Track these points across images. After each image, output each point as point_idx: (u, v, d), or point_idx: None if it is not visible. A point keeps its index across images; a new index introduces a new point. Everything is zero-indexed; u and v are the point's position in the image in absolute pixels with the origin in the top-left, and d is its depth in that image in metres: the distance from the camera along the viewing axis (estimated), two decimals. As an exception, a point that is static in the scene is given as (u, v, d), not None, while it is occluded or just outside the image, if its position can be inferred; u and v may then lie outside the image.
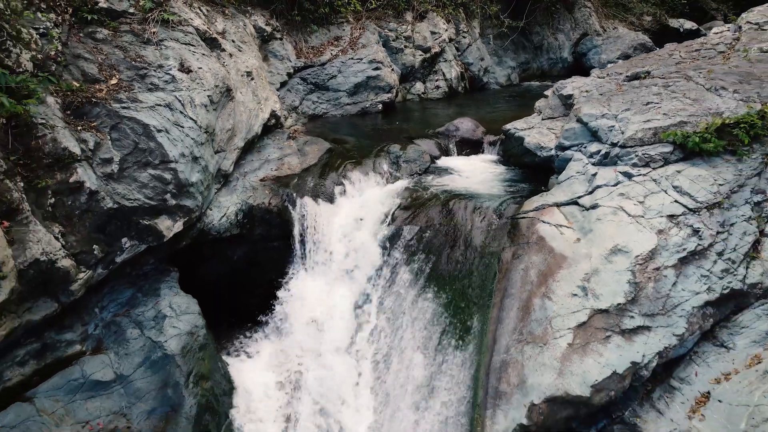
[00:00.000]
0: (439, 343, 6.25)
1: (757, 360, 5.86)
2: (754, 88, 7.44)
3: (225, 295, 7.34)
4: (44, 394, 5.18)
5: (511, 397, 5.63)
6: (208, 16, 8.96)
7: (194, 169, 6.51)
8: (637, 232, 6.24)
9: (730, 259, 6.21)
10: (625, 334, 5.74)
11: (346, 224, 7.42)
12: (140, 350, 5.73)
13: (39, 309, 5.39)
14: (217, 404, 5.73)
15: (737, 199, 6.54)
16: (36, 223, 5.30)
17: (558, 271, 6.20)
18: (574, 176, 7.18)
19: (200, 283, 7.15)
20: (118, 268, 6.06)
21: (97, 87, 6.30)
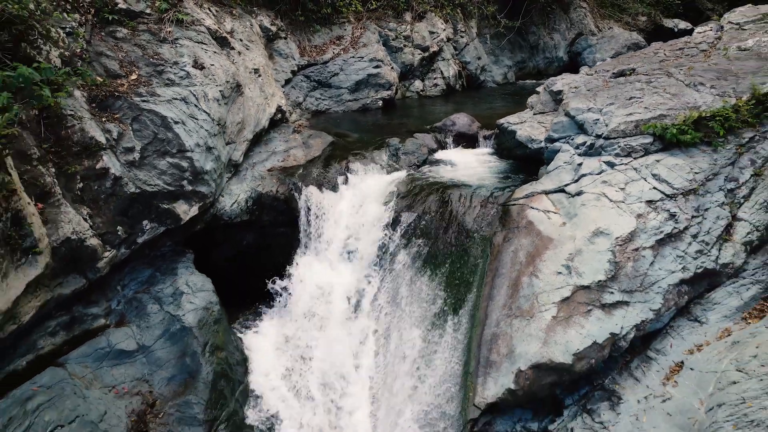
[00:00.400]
0: (435, 318, 6.78)
1: (727, 333, 6.42)
2: (731, 83, 7.98)
3: (235, 278, 7.85)
4: (74, 360, 5.71)
5: (501, 366, 6.17)
6: (218, 17, 9.50)
7: (208, 158, 7.05)
8: (618, 216, 6.78)
9: (704, 241, 6.75)
10: (605, 308, 6.27)
11: (349, 211, 7.94)
12: (160, 323, 6.26)
13: (69, 284, 5.93)
14: (231, 372, 6.26)
15: (712, 186, 7.08)
16: (66, 205, 5.84)
17: (545, 252, 6.74)
18: (561, 166, 7.72)
19: (212, 266, 7.66)
20: (139, 248, 6.59)
21: (118, 82, 6.83)
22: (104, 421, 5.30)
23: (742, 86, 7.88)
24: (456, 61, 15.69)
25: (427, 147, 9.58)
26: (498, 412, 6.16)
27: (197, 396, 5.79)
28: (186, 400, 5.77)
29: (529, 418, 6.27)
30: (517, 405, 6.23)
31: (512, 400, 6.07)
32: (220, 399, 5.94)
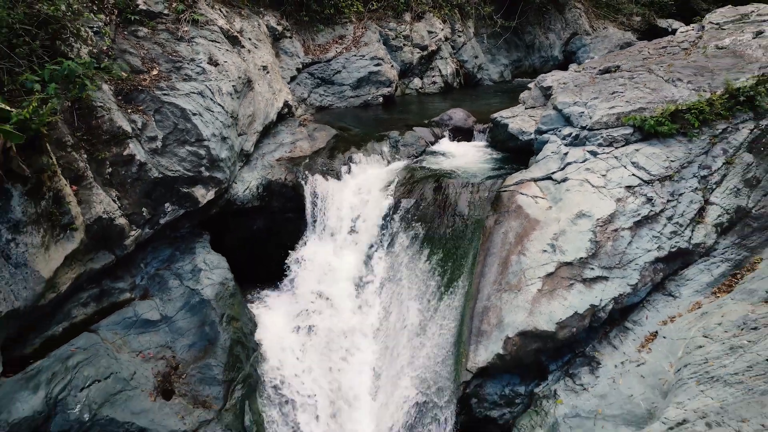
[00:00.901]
0: (432, 294, 7.43)
1: (697, 306, 7.07)
2: (706, 79, 8.64)
3: (246, 260, 8.46)
4: (105, 327, 6.35)
5: (491, 335, 6.81)
6: (228, 17, 10.15)
7: (223, 147, 7.70)
8: (599, 200, 7.43)
9: (678, 223, 7.41)
10: (586, 282, 6.92)
11: (352, 198, 8.58)
12: (181, 296, 6.91)
13: (99, 259, 6.57)
14: (246, 340, 6.90)
15: (686, 173, 7.74)
16: (98, 187, 6.49)
17: (532, 232, 7.39)
18: (549, 155, 8.37)
19: (225, 250, 8.24)
20: (161, 229, 7.24)
21: (141, 77, 7.48)
22: (134, 379, 5.95)
23: (717, 82, 8.53)
24: (454, 59, 16.34)
25: (425, 140, 10.22)
26: (488, 376, 6.80)
27: (216, 360, 6.43)
28: (206, 363, 6.42)
29: (517, 383, 6.91)
30: (505, 370, 6.88)
31: (501, 365, 6.71)
32: (237, 363, 6.58)
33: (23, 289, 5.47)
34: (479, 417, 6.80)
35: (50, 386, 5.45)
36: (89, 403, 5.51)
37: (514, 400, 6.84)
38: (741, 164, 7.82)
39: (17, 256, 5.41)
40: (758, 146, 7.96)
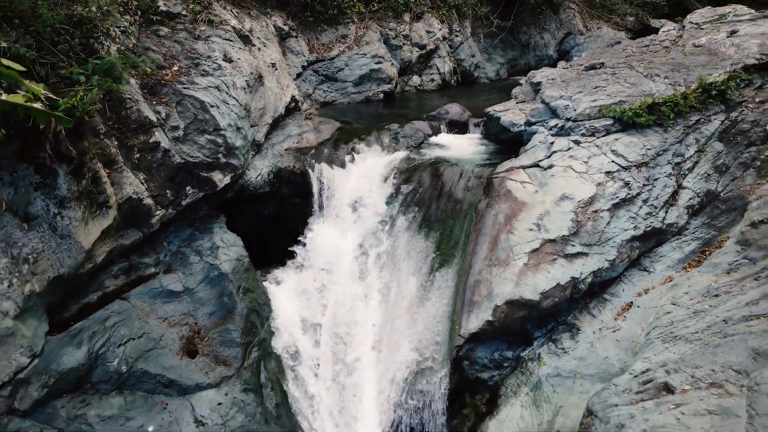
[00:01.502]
0: (429, 269, 8.19)
1: (669, 279, 7.85)
2: (682, 75, 9.42)
3: (257, 244, 9.17)
4: (135, 296, 7.11)
5: (482, 304, 7.57)
6: (239, 17, 10.92)
7: (238, 137, 8.47)
8: (581, 184, 8.20)
9: (653, 205, 8.18)
10: (568, 257, 7.69)
11: (355, 185, 9.34)
12: (201, 271, 7.67)
13: (129, 236, 7.33)
14: (260, 309, 7.65)
15: (661, 160, 8.51)
16: (127, 171, 7.25)
17: (519, 213, 8.15)
18: (537, 145, 9.13)
19: (238, 233, 9.00)
20: (182, 210, 7.99)
21: (163, 72, 8.25)
22: (162, 340, 6.70)
23: (692, 77, 9.31)
24: (451, 58, 17.11)
25: (423, 132, 10.98)
26: (479, 342, 7.57)
27: (235, 325, 7.19)
28: (226, 328, 7.17)
29: (505, 348, 7.68)
30: (495, 337, 7.64)
31: (491, 331, 7.47)
32: (252, 328, 7.33)
33: (67, 257, 6.23)
34: (471, 378, 7.56)
35: (91, 343, 6.22)
36: (126, 357, 6.28)
37: (503, 364, 7.60)
38: (712, 152, 8.60)
39: (62, 228, 6.18)
40: (728, 136, 8.75)
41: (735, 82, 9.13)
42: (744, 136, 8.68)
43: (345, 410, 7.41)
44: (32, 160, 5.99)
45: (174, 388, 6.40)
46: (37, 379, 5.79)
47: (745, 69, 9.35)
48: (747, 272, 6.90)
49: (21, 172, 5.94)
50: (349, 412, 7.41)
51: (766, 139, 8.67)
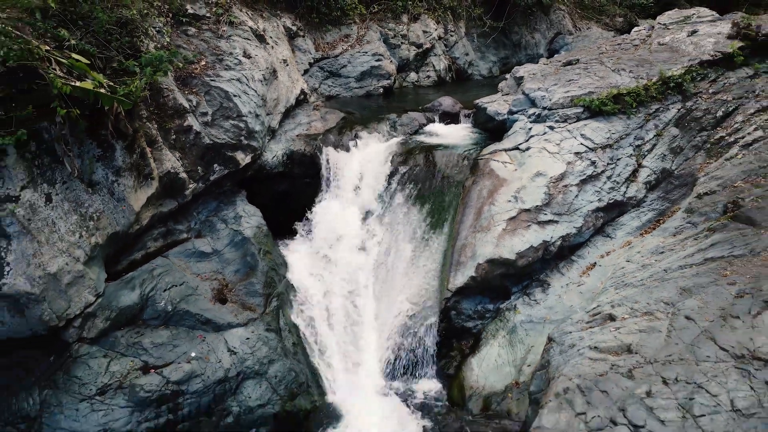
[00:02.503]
0: (422, 236, 9.58)
1: (628, 243, 9.23)
2: (645, 69, 10.81)
3: (272, 218, 10.49)
4: (173, 255, 8.48)
5: (466, 264, 8.95)
6: (253, 19, 12.31)
7: (257, 122, 9.85)
8: (553, 163, 9.58)
9: (615, 181, 9.57)
10: (540, 224, 9.07)
11: (358, 166, 10.71)
12: (227, 236, 9.04)
13: (166, 204, 8.71)
14: (277, 268, 9.03)
15: (624, 143, 9.90)
16: (166, 150, 8.63)
17: (500, 188, 9.54)
18: (517, 131, 10.51)
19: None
20: (210, 185, 9.35)
21: (193, 66, 9.64)
22: (198, 289, 8.08)
23: (654, 71, 10.70)
24: (446, 56, 18.51)
25: (418, 122, 12.36)
26: (464, 296, 8.95)
27: (257, 279, 8.56)
28: (250, 282, 8.55)
29: (487, 302, 9.06)
30: (478, 292, 9.02)
31: (474, 286, 8.86)
32: (272, 283, 8.71)
33: (121, 218, 7.62)
34: (458, 327, 8.94)
35: (142, 287, 7.61)
36: (170, 299, 7.66)
37: (485, 315, 8.98)
38: (668, 136, 10.00)
39: (118, 193, 7.57)
40: (683, 122, 10.15)
41: (691, 75, 10.53)
42: (697, 122, 10.08)
43: (350, 350, 8.79)
44: (95, 137, 7.38)
45: (210, 325, 7.77)
46: (101, 314, 7.18)
47: (701, 64, 10.73)
48: (689, 234, 8.32)
49: (87, 146, 7.33)
50: (354, 351, 8.79)
51: (716, 125, 10.08)
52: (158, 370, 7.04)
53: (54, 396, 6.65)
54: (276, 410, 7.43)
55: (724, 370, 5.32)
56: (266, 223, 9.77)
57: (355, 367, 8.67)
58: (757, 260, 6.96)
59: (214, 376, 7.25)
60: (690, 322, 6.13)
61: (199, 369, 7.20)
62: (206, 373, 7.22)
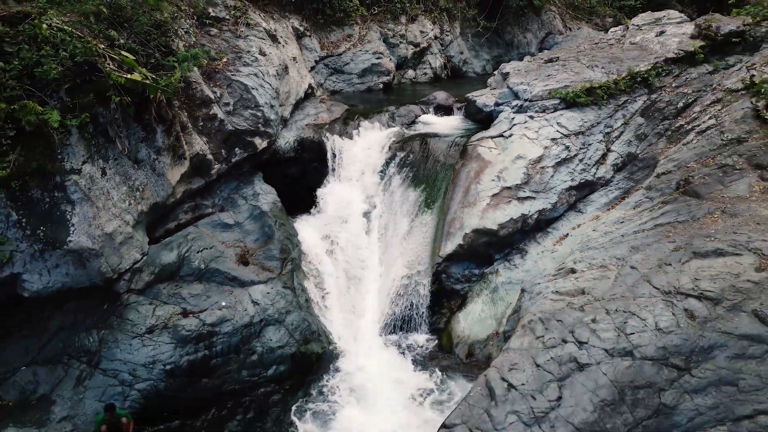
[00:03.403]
0: (417, 212, 11.02)
1: (596, 217, 10.67)
2: (616, 66, 12.26)
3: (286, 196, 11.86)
4: (201, 225, 9.90)
5: (455, 234, 10.39)
6: (265, 20, 13.76)
7: (272, 112, 11.30)
8: (532, 147, 11.02)
9: (587, 164, 11.01)
10: (520, 200, 10.51)
11: (360, 152, 12.16)
12: (247, 210, 10.47)
13: (195, 182, 10.15)
14: (291, 238, 10.46)
15: (595, 130, 11.34)
16: (195, 135, 10.08)
17: (485, 169, 10.98)
18: (502, 120, 11.95)
19: (268, 188, 11.79)
20: (232, 166, 10.79)
21: (216, 63, 11.08)
22: (225, 253, 9.52)
23: (624, 67, 12.14)
24: (442, 55, 19.97)
25: (415, 113, 13.80)
26: (453, 261, 10.39)
27: (274, 246, 10.00)
28: (268, 248, 9.99)
29: (473, 267, 10.50)
30: (466, 258, 10.46)
31: (462, 252, 10.30)
32: (287, 249, 10.15)
33: (161, 190, 9.07)
34: (447, 288, 10.39)
35: (179, 249, 9.06)
36: (203, 259, 9.11)
37: (471, 278, 10.43)
38: (635, 124, 11.45)
39: (159, 169, 9.02)
40: (648, 112, 11.60)
41: (656, 71, 11.98)
42: (660, 112, 11.53)
43: (354, 308, 10.25)
44: (140, 121, 8.83)
45: (236, 282, 9.20)
46: (146, 269, 8.63)
47: (666, 61, 12.18)
48: (646, 206, 9.77)
49: (133, 129, 8.78)
50: (358, 309, 10.24)
51: (677, 114, 11.52)
52: (195, 314, 8.48)
53: (110, 334, 8.09)
54: (293, 351, 8.89)
55: (653, 303, 6.78)
56: (281, 201, 11.22)
57: (358, 321, 10.13)
58: (696, 224, 8.41)
59: (241, 321, 8.70)
60: (633, 270, 7.58)
61: (229, 315, 8.66)
62: (235, 319, 8.67)
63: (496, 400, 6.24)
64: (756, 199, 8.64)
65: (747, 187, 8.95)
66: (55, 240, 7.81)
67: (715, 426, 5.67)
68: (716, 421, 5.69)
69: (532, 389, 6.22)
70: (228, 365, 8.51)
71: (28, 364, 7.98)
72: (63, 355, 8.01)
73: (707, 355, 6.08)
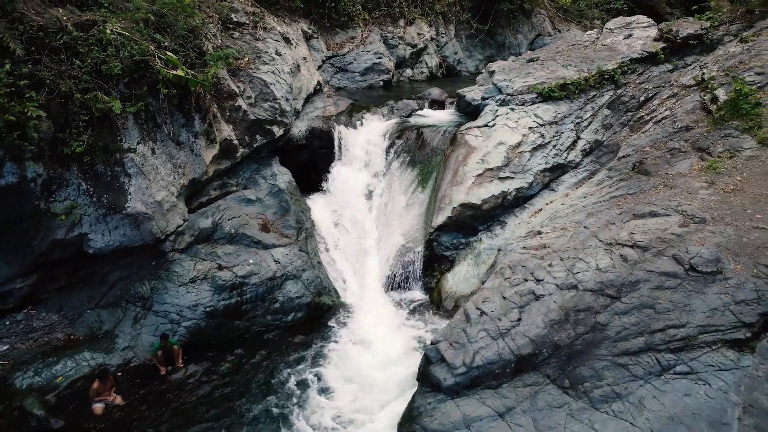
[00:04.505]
0: (413, 190, 12.93)
1: (566, 194, 12.58)
2: (587, 65, 14.18)
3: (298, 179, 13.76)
4: (229, 200, 11.80)
5: (445, 209, 12.29)
6: (279, 24, 15.68)
7: (287, 104, 13.22)
8: (512, 135, 12.93)
9: (559, 149, 12.93)
10: (500, 179, 12.42)
11: (364, 140, 14.07)
12: (266, 188, 12.37)
13: (223, 163, 12.06)
14: (304, 212, 12.35)
15: (567, 120, 13.27)
16: (223, 123, 11.99)
17: (472, 154, 12.89)
18: (487, 112, 13.86)
19: (283, 172, 13.70)
20: (253, 151, 12.71)
21: (239, 62, 13.00)
22: (249, 222, 11.42)
23: (594, 66, 14.07)
24: (438, 55, 21.90)
25: (411, 107, 15.72)
26: (443, 231, 12.28)
27: (291, 217, 11.90)
28: (285, 219, 11.90)
29: (461, 237, 12.40)
30: (453, 229, 12.35)
31: (450, 224, 12.20)
32: (301, 220, 12.04)
33: (198, 168, 10.98)
34: (438, 255, 12.29)
35: (213, 217, 10.97)
36: (233, 226, 11.02)
37: (458, 246, 12.33)
38: (602, 115, 13.37)
39: (196, 150, 10.93)
40: (614, 105, 13.51)
41: (622, 69, 13.91)
42: (624, 105, 13.45)
43: (359, 270, 12.17)
44: (181, 110, 10.74)
45: (260, 245, 11.11)
46: (187, 232, 10.54)
47: (631, 60, 14.11)
48: (606, 184, 11.68)
49: (176, 116, 10.69)
50: (361, 272, 12.16)
51: (639, 107, 13.45)
52: (229, 269, 10.38)
53: (160, 284, 10.00)
54: (308, 301, 10.81)
55: (597, 251, 8.68)
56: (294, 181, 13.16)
57: (362, 281, 12.04)
58: (642, 195, 10.33)
59: (266, 275, 10.61)
60: (586, 229, 9.49)
61: (256, 270, 10.57)
62: (261, 273, 10.58)
63: (471, 322, 8.13)
64: (693, 175, 10.56)
65: (688, 166, 10.87)
66: (115, 206, 9.71)
67: (635, 337, 7.56)
68: (637, 333, 7.58)
69: (499, 314, 8.11)
70: (255, 310, 10.42)
71: (92, 308, 9.88)
72: (121, 301, 9.91)
73: (634, 288, 7.98)
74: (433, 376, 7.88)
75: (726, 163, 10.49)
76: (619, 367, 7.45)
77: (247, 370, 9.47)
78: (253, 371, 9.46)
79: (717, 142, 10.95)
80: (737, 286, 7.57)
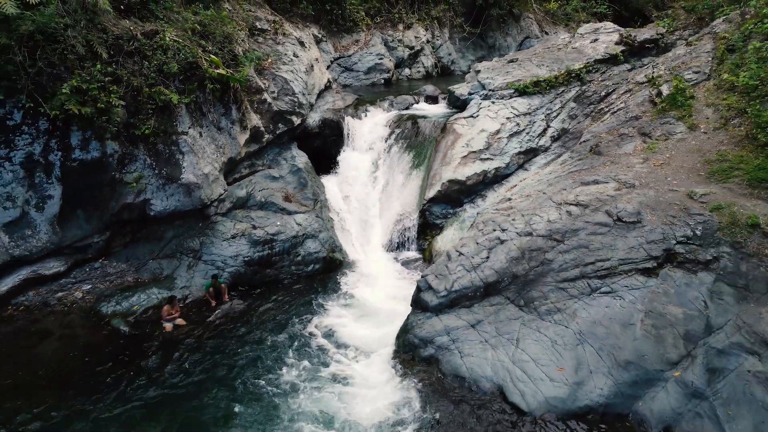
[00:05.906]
0: (409, 170, 15.72)
1: (537, 174, 15.37)
2: (558, 65, 16.97)
3: (312, 162, 16.56)
4: (257, 176, 14.59)
5: (436, 184, 15.06)
6: (294, 29, 18.46)
7: (303, 99, 16.01)
8: (492, 123, 15.71)
9: (531, 135, 15.72)
10: (482, 160, 15.20)
11: (368, 129, 16.86)
12: (287, 167, 15.15)
13: (252, 147, 14.84)
14: (319, 188, 15.14)
15: (539, 112, 16.06)
16: (252, 113, 14.77)
17: (458, 140, 15.66)
18: (472, 105, 16.64)
19: (299, 156, 16.50)
20: (275, 138, 15.49)
21: (263, 62, 15.80)
22: (275, 193, 14.19)
23: (563, 66, 16.86)
24: (433, 56, 24.68)
25: (409, 101, 18.51)
26: (434, 203, 15.06)
27: (308, 191, 14.68)
28: (304, 192, 14.71)
29: (449, 208, 15.17)
30: (442, 201, 15.12)
31: (440, 197, 14.97)
32: (316, 193, 14.81)
33: (234, 149, 13.77)
34: (430, 222, 15.06)
35: (247, 188, 13.75)
36: (262, 195, 13.79)
37: (447, 215, 15.11)
38: (568, 107, 16.15)
39: (233, 135, 13.71)
40: (579, 99, 16.30)
41: (587, 69, 16.70)
42: (588, 99, 16.23)
43: (363, 235, 14.95)
44: (221, 102, 13.53)
45: (284, 212, 13.88)
46: (227, 200, 13.32)
47: (595, 61, 16.90)
48: (568, 162, 14.46)
49: (217, 106, 13.47)
50: (366, 236, 14.94)
51: (600, 100, 16.22)
52: (261, 228, 13.17)
53: (207, 239, 12.78)
54: (324, 256, 13.60)
55: (549, 209, 11.45)
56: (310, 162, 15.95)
57: (367, 243, 14.82)
58: (592, 170, 13.10)
59: (290, 233, 13.40)
60: (544, 194, 12.26)
61: (282, 229, 13.36)
62: (286, 232, 13.37)
63: (451, 260, 10.90)
64: (635, 154, 13.34)
65: (633, 148, 13.65)
66: (172, 177, 12.48)
67: (573, 268, 10.32)
68: (574, 266, 10.34)
69: (473, 254, 10.87)
70: (282, 261, 13.22)
71: (153, 258, 12.66)
72: (176, 253, 12.69)
73: (574, 234, 10.73)
74: (422, 300, 10.65)
75: (661, 144, 13.27)
76: (560, 290, 10.21)
77: (278, 304, 12.25)
78: (283, 305, 12.24)
79: (657, 128, 13.73)
80: (650, 231, 10.33)
